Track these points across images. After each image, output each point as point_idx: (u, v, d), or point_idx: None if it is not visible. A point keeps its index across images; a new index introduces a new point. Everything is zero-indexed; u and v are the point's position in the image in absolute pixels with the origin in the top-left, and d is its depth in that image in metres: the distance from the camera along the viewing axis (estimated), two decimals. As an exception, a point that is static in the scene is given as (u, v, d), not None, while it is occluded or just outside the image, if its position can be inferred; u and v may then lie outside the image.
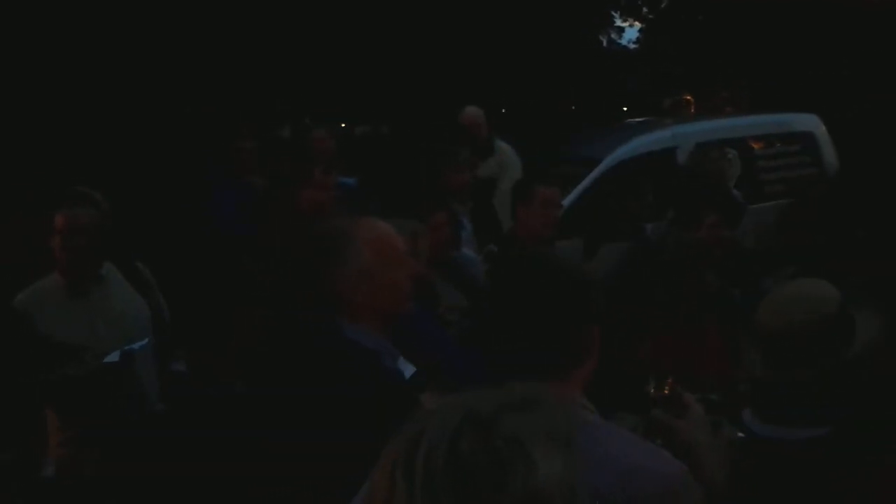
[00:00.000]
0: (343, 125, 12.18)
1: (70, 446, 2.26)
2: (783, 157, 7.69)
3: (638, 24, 19.81)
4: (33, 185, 4.62)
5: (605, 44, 17.88)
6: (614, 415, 2.16)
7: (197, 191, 4.78)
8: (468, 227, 5.04)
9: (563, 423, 1.12)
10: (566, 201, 6.14)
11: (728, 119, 8.89)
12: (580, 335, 1.75)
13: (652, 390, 2.09)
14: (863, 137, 9.19)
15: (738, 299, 3.89)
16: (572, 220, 5.81)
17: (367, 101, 12.22)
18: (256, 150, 6.05)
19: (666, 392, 2.07)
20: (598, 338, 1.77)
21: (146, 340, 2.81)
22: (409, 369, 2.34)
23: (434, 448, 1.04)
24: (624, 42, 19.71)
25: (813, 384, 1.98)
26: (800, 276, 2.62)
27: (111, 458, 2.20)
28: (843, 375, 1.98)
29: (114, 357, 2.76)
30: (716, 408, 2.35)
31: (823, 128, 7.90)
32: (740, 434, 2.08)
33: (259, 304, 2.69)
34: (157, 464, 2.14)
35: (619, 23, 18.89)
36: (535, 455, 1.04)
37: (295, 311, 2.51)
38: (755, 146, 7.69)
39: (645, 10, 19.30)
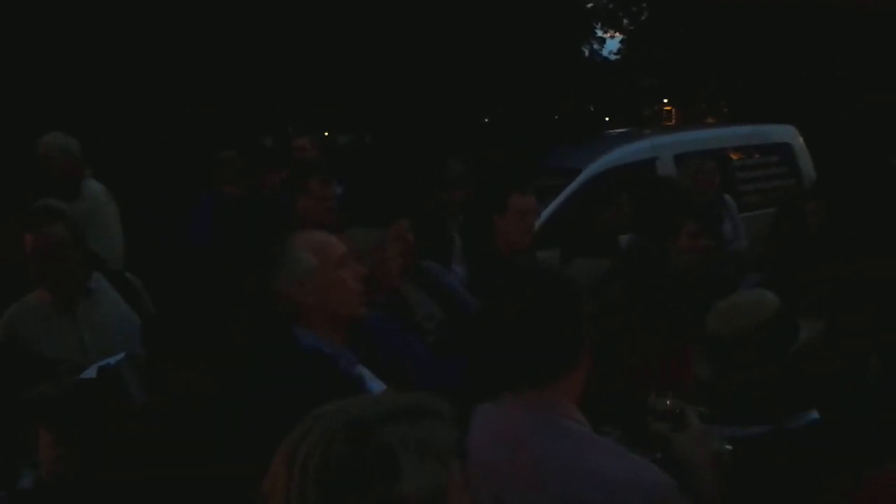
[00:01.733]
0: (326, 134, 12.19)
1: (64, 462, 2.27)
2: (761, 167, 7.79)
3: (619, 35, 20.01)
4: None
5: (586, 54, 17.98)
6: (600, 428, 2.18)
7: (175, 202, 4.77)
8: (458, 242, 4.90)
9: (445, 436, 1.14)
10: (546, 212, 6.18)
11: (707, 130, 9.02)
12: (571, 337, 1.79)
13: (653, 403, 2.10)
14: (841, 146, 9.31)
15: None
16: (551, 231, 5.84)
17: (350, 110, 12.26)
18: (236, 161, 6.07)
19: (667, 405, 2.08)
20: (590, 343, 1.81)
21: (123, 354, 2.79)
22: (374, 382, 2.39)
23: (311, 451, 1.09)
24: (605, 53, 19.89)
25: (756, 384, 2.06)
26: (765, 286, 2.68)
27: (95, 467, 2.21)
28: (785, 373, 2.07)
29: (90, 373, 2.74)
30: (704, 420, 2.37)
31: (800, 139, 8.00)
32: (728, 447, 2.09)
33: (227, 314, 2.72)
34: (139, 470, 2.17)
35: (600, 34, 19.05)
36: (402, 465, 1.08)
37: (252, 319, 2.57)
38: (733, 157, 7.78)
39: (626, 21, 19.48)
